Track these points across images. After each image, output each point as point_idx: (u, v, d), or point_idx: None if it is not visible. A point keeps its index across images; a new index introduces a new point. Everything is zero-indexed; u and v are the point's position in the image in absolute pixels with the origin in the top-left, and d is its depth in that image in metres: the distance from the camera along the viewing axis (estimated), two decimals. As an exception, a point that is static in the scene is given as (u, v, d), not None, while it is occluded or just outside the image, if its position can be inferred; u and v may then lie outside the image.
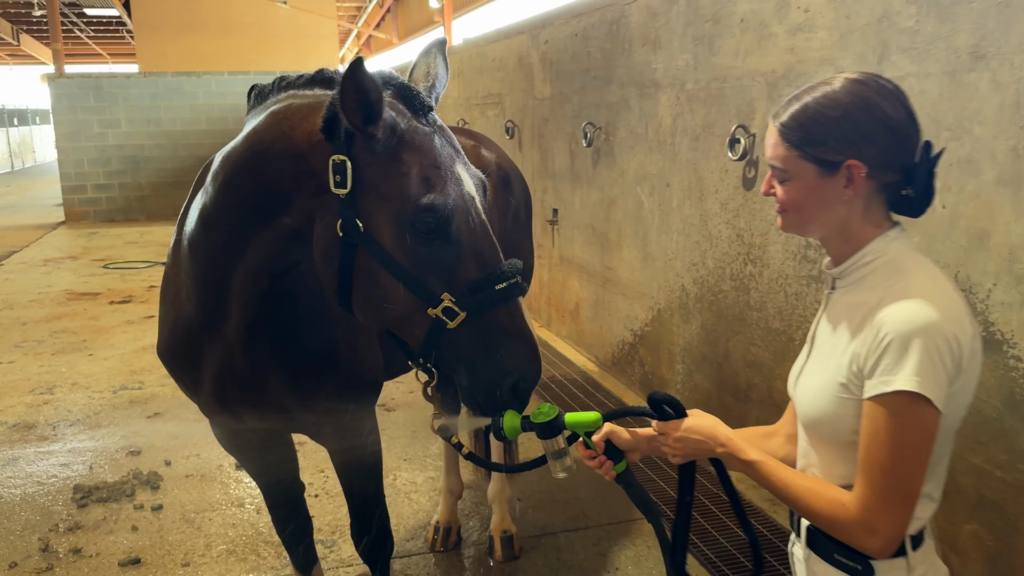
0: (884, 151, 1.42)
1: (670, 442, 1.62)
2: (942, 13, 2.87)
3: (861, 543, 1.39)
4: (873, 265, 1.46)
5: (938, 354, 1.32)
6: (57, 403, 5.53)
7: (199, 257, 2.06)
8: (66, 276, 9.88)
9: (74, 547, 3.65)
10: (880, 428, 1.35)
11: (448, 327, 1.67)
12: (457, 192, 1.72)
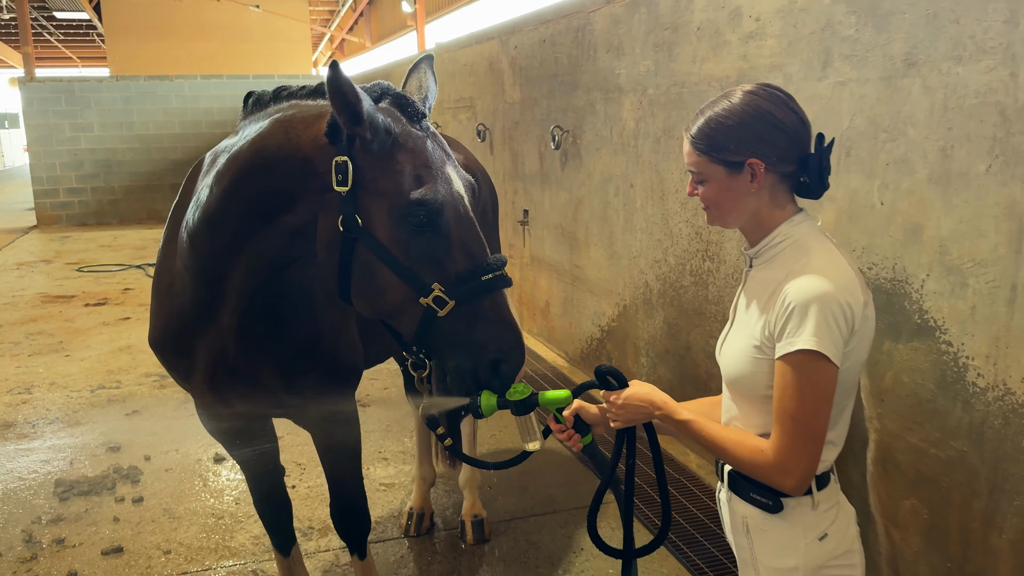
0: (778, 149, 1.64)
1: (614, 409, 1.80)
2: (879, 23, 3.08)
3: (779, 483, 1.59)
4: (782, 246, 1.68)
5: (833, 318, 1.54)
6: (35, 402, 5.61)
7: (201, 252, 2.19)
8: (40, 279, 9.89)
9: (57, 538, 3.76)
10: (788, 383, 1.56)
11: (439, 315, 1.82)
12: (446, 189, 1.89)
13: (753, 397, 1.68)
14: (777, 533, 1.68)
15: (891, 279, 3.11)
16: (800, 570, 1.65)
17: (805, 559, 1.65)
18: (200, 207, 2.18)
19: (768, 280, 1.67)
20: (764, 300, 1.65)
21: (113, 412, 5.39)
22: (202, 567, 3.53)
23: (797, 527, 1.66)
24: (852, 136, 3.24)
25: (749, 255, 1.77)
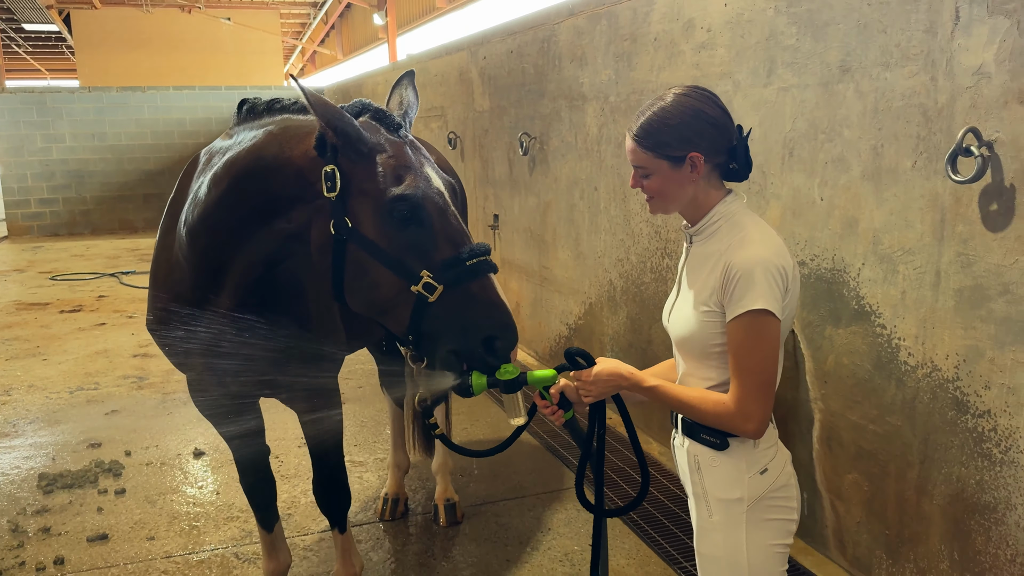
0: (712, 141, 1.88)
1: (586, 386, 1.99)
2: (816, 33, 3.34)
3: (742, 429, 1.82)
4: (719, 223, 1.92)
5: (772, 279, 1.78)
6: (15, 403, 5.70)
7: (199, 247, 2.39)
8: (13, 288, 9.92)
9: (43, 527, 3.89)
10: (742, 340, 1.79)
11: (429, 301, 1.99)
12: (425, 184, 2.08)
13: (702, 353, 1.90)
14: (724, 468, 1.90)
15: (831, 269, 3.37)
16: (744, 500, 1.88)
17: (748, 491, 1.88)
18: (198, 206, 2.37)
19: (709, 253, 1.90)
20: (707, 270, 1.88)
21: (92, 412, 5.51)
22: (185, 551, 3.68)
23: (741, 462, 1.89)
24: (794, 138, 3.50)
25: (689, 233, 2.00)
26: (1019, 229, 2.59)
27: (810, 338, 3.52)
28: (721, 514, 1.91)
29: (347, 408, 5.44)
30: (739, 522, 1.88)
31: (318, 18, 25.67)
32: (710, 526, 1.94)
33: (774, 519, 1.91)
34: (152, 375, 6.29)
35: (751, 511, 1.88)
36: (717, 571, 1.93)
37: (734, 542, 1.89)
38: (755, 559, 1.88)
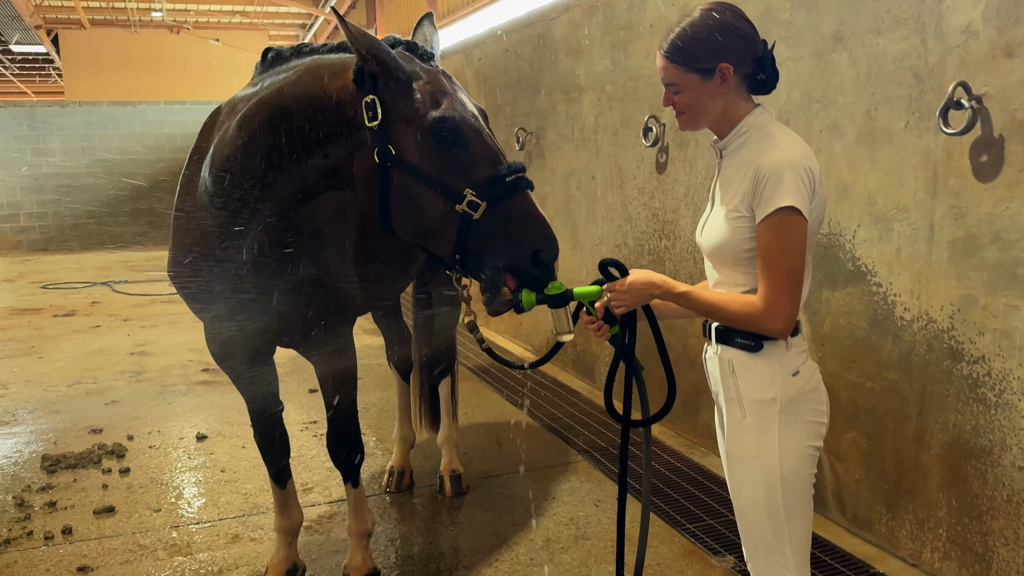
0: (740, 52, 1.96)
1: (619, 295, 2.03)
2: (810, 5, 3.48)
3: (769, 327, 1.88)
4: (748, 134, 1.99)
5: (800, 180, 1.85)
6: (13, 396, 5.70)
7: (225, 188, 2.43)
8: (4, 296, 9.90)
9: (48, 502, 3.90)
10: (771, 238, 1.86)
11: (474, 219, 2.06)
12: (461, 107, 2.17)
13: (734, 259, 1.97)
14: (757, 370, 1.96)
15: (827, 234, 3.47)
16: (778, 401, 1.94)
17: (781, 391, 1.94)
18: (225, 148, 2.43)
19: (741, 163, 1.97)
20: (740, 178, 1.95)
21: (92, 402, 5.51)
22: (192, 521, 3.70)
23: (774, 364, 1.95)
24: (790, 108, 3.62)
25: (719, 148, 2.06)
26: (1008, 177, 2.71)
27: (807, 303, 3.61)
28: (755, 415, 1.96)
29: (347, 396, 5.48)
30: (772, 422, 1.94)
31: (307, 38, 25.86)
32: (743, 428, 1.98)
33: (806, 420, 1.98)
34: (150, 370, 6.30)
35: (784, 411, 1.94)
36: (749, 472, 1.98)
37: (767, 442, 1.94)
38: (787, 458, 1.94)
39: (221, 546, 3.47)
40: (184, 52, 23.34)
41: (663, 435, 4.61)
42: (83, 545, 3.48)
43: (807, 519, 2.01)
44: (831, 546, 3.37)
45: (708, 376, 2.16)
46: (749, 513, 2.01)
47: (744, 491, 2.01)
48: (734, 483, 2.05)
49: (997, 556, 2.85)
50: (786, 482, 1.95)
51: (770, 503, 1.96)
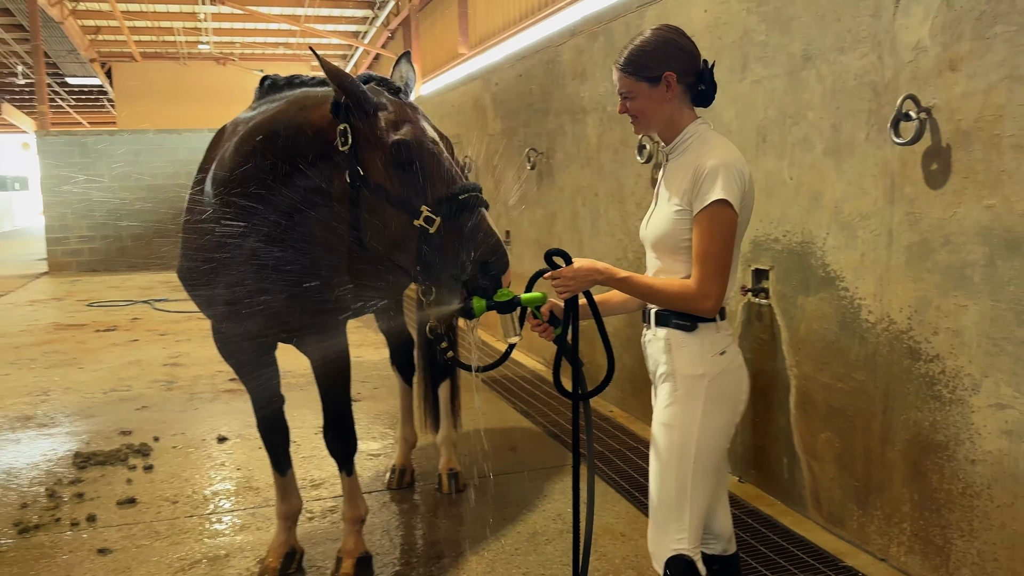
0: (682, 63, 2.21)
1: (565, 281, 2.24)
2: (782, 27, 3.68)
3: (701, 307, 2.11)
4: (691, 140, 2.24)
5: (733, 178, 2.10)
6: (53, 401, 6.07)
7: (227, 199, 2.74)
8: (52, 312, 10.41)
9: (76, 493, 4.20)
10: (705, 228, 2.10)
11: (430, 232, 2.31)
12: (419, 132, 2.43)
13: (673, 248, 2.20)
14: (691, 348, 2.20)
15: (800, 242, 3.64)
16: (706, 376, 2.18)
17: (710, 368, 2.18)
18: (225, 165, 2.75)
19: (683, 164, 2.22)
20: (681, 177, 2.20)
21: (124, 407, 5.85)
22: (206, 511, 3.97)
23: (706, 343, 2.19)
24: (766, 124, 3.81)
25: (666, 152, 2.32)
26: (955, 184, 2.87)
27: (784, 309, 3.78)
28: (685, 388, 2.20)
29: (363, 405, 5.75)
30: (700, 395, 2.18)
31: (347, 69, 26.61)
32: (673, 399, 2.21)
33: (729, 396, 2.22)
34: (181, 380, 6.65)
35: (711, 386, 2.18)
36: (670, 437, 2.20)
37: (692, 413, 2.18)
38: (706, 428, 2.18)
39: (229, 533, 3.73)
40: (230, 82, 24.18)
41: (621, 418, 4.77)
42: (105, 531, 3.76)
43: (709, 490, 2.24)
44: (806, 542, 3.50)
45: (647, 358, 2.36)
46: (661, 474, 2.22)
47: (662, 454, 2.22)
48: (655, 448, 2.26)
49: (955, 548, 2.97)
50: (700, 449, 2.17)
51: (681, 467, 2.18)
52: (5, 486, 4.35)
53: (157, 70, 24.09)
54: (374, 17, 21.08)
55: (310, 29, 21.24)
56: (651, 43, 2.22)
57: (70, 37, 19.86)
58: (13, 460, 4.77)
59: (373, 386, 6.26)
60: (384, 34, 21.10)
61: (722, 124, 4.11)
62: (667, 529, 2.22)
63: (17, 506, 4.06)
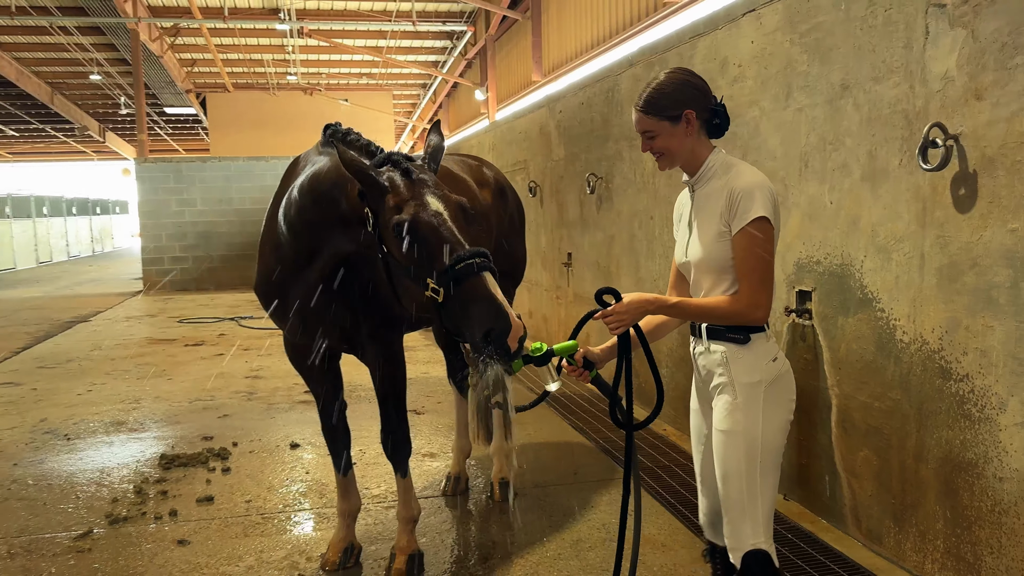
0: (699, 101, 2.43)
1: (618, 315, 2.42)
2: (823, 57, 3.82)
3: (752, 317, 2.30)
4: (714, 168, 2.45)
5: (767, 195, 2.31)
6: (143, 409, 6.56)
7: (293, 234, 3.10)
8: (146, 328, 11.12)
9: (161, 491, 4.59)
10: (747, 245, 2.30)
11: (439, 302, 2.51)
12: (420, 210, 2.60)
13: (720, 268, 2.39)
14: (747, 359, 2.38)
15: (840, 264, 3.75)
16: (763, 383, 2.37)
17: (765, 374, 2.37)
18: (292, 206, 3.11)
19: (712, 191, 2.41)
20: (714, 203, 2.39)
21: (207, 415, 6.29)
22: (276, 510, 4.29)
23: (760, 352, 2.38)
24: (808, 151, 3.94)
25: (691, 183, 2.51)
26: (981, 208, 2.96)
27: (826, 330, 3.89)
28: (744, 395, 2.37)
29: (426, 417, 6.03)
30: (758, 400, 2.37)
31: (427, 97, 27.40)
32: (734, 407, 2.38)
33: (784, 398, 2.42)
34: (261, 391, 7.07)
35: (767, 391, 2.37)
36: (735, 443, 2.37)
37: (754, 417, 2.36)
38: (768, 430, 2.37)
39: (295, 530, 4.03)
40: (316, 111, 25.20)
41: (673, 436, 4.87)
42: (184, 525, 4.11)
43: (774, 484, 2.43)
44: (845, 559, 3.58)
45: (698, 369, 2.55)
46: (732, 478, 2.39)
47: (730, 461, 2.39)
48: (721, 455, 2.42)
49: (985, 565, 3.03)
50: (765, 449, 2.38)
51: (750, 469, 2.37)
52: (99, 482, 4.77)
53: (248, 100, 25.35)
54: (452, 47, 21.73)
55: (391, 60, 22.01)
56: (668, 85, 2.44)
57: (168, 70, 21.11)
58: (106, 460, 5.21)
59: (437, 400, 6.54)
60: (461, 63, 21.71)
61: (768, 150, 4.26)
62: (742, 527, 2.39)
63: (109, 500, 4.47)
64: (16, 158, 44.94)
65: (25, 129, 33.83)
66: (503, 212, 4.30)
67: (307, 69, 24.46)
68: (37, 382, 7.71)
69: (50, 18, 18.37)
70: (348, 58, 23.38)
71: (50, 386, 7.52)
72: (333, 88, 26.10)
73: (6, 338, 10.48)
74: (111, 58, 22.16)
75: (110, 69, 23.14)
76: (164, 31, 20.01)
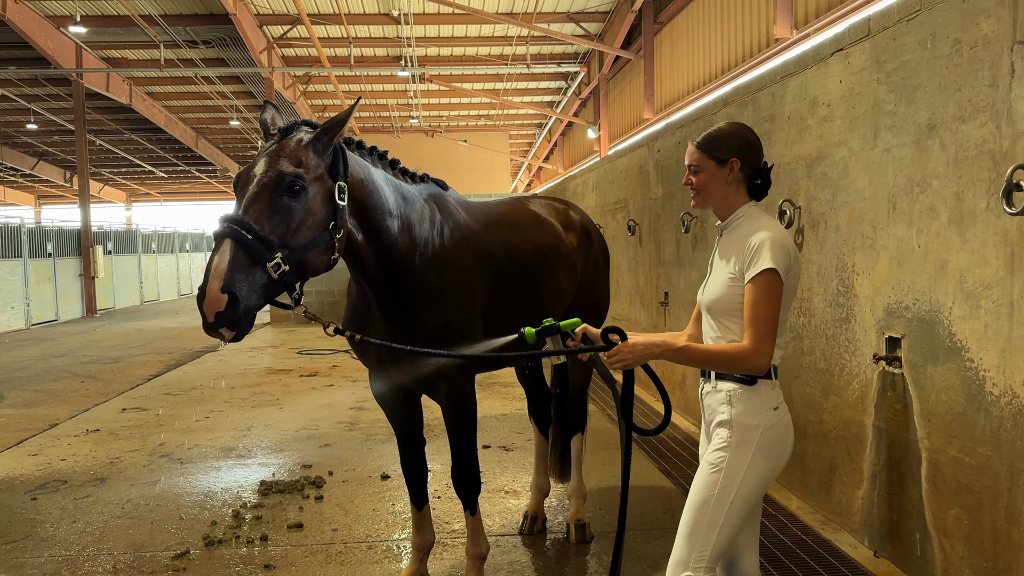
0: (747, 155, 2.49)
1: (622, 355, 2.48)
2: (909, 97, 3.70)
3: (755, 364, 2.32)
4: (743, 219, 2.50)
5: (779, 249, 2.34)
6: (253, 436, 6.93)
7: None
8: (267, 358, 11.74)
9: (256, 516, 4.84)
10: (756, 295, 2.33)
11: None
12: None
13: (727, 312, 2.44)
14: (750, 401, 2.40)
15: (929, 310, 3.59)
16: (760, 427, 2.39)
17: (764, 420, 2.40)
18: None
19: (735, 239, 2.47)
20: (735, 250, 2.45)
21: (310, 444, 6.58)
22: (359, 539, 4.44)
23: (763, 397, 2.40)
24: (896, 192, 3.81)
25: (720, 227, 2.57)
26: (1072, 254, 2.78)
27: (915, 379, 3.71)
28: (739, 436, 2.40)
29: (515, 454, 6.09)
30: (751, 443, 2.39)
31: (542, 137, 27.84)
32: (726, 444, 2.41)
33: (776, 448, 2.42)
34: (362, 422, 7.34)
35: (762, 437, 2.39)
36: (715, 476, 2.39)
37: (742, 458, 2.38)
38: (750, 475, 2.38)
39: (374, 560, 4.16)
40: (437, 152, 26.09)
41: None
42: (273, 550, 4.33)
43: (736, 530, 2.41)
44: (933, 623, 3.37)
45: (704, 410, 2.56)
46: (700, 506, 2.41)
47: (705, 490, 2.41)
48: (699, 482, 2.44)
49: (1082, 639, 2.79)
50: (740, 492, 2.37)
51: (720, 504, 2.39)
52: (202, 505, 5.09)
53: (373, 142, 26.28)
54: (566, 87, 22.04)
55: (507, 101, 22.52)
56: (726, 131, 2.53)
57: (300, 114, 22.40)
58: (212, 484, 5.54)
59: (527, 438, 6.59)
60: (575, 102, 21.98)
61: (857, 191, 4.14)
62: (689, 554, 2.39)
63: (208, 523, 4.75)
64: (165, 197, 48.61)
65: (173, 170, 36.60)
66: (588, 255, 4.36)
67: (428, 112, 25.42)
68: (161, 408, 8.29)
69: (195, 69, 19.92)
70: (467, 101, 24.14)
71: (172, 412, 8.07)
72: (452, 130, 26.97)
73: (141, 366, 11.32)
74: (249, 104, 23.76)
75: (248, 115, 24.78)
76: (296, 79, 21.31)
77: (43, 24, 17.99)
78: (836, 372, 4.44)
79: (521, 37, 18.69)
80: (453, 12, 16.96)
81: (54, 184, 39.37)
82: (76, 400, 8.88)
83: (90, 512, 5.01)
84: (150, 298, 25.63)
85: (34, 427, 7.57)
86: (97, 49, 20.31)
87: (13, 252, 17.80)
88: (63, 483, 5.67)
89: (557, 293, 4.02)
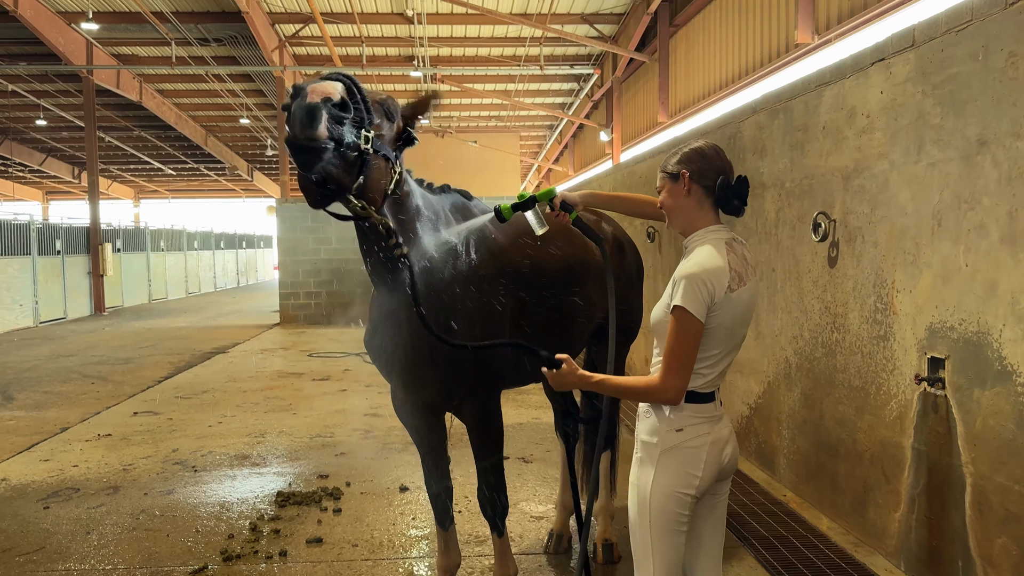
0: (699, 167, 2.44)
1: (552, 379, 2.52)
2: (957, 110, 3.58)
3: (663, 399, 2.35)
4: (693, 245, 2.48)
5: (697, 289, 2.30)
6: (267, 443, 6.84)
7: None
8: (278, 361, 11.65)
9: (274, 529, 4.74)
10: (670, 329, 2.34)
11: None
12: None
13: (661, 337, 2.43)
14: (651, 419, 2.46)
15: (976, 332, 3.47)
16: (659, 446, 2.42)
17: (664, 439, 2.42)
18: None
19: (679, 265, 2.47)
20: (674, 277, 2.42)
21: (325, 453, 6.48)
22: (381, 556, 4.33)
23: (662, 417, 2.43)
24: (941, 208, 3.69)
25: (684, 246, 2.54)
26: None
27: (960, 402, 3.59)
28: (643, 452, 2.47)
29: (534, 466, 5.98)
30: (652, 461, 2.44)
31: (552, 139, 27.72)
32: (636, 460, 2.50)
33: (681, 469, 2.41)
34: (377, 429, 7.23)
35: (662, 456, 2.42)
36: (632, 494, 2.48)
37: (646, 475, 2.44)
38: (656, 491, 2.41)
39: (397, 579, 4.06)
40: (447, 152, 25.98)
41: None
42: (292, 566, 4.22)
43: (673, 548, 2.42)
44: (979, 656, 3.25)
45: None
46: (631, 526, 2.50)
47: (631, 508, 2.49)
48: (628, 501, 2.51)
49: None
50: (652, 511, 2.42)
51: (641, 522, 2.45)
52: (218, 517, 4.99)
53: (383, 141, 26.37)
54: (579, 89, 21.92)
55: (518, 103, 22.41)
56: (685, 147, 2.51)
57: (311, 114, 22.29)
58: (228, 494, 5.44)
59: (546, 448, 6.48)
60: (588, 104, 21.86)
61: (898, 206, 4.01)
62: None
63: (225, 536, 4.65)
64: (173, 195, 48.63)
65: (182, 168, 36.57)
66: (620, 269, 4.23)
67: (439, 113, 25.32)
68: (173, 412, 8.20)
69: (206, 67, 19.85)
70: (478, 102, 24.03)
71: (185, 416, 7.98)
72: (463, 131, 26.86)
73: (151, 367, 11.24)
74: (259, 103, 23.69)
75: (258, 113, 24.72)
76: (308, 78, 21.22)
77: (54, 20, 17.94)
78: (872, 391, 4.32)
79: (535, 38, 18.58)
80: (467, 12, 16.86)
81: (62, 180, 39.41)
82: (87, 402, 8.80)
83: (104, 523, 4.92)
84: (158, 296, 25.59)
85: (45, 430, 7.49)
86: (108, 46, 20.27)
87: (22, 249, 17.74)
88: (76, 491, 5.58)
89: (587, 308, 3.91)
